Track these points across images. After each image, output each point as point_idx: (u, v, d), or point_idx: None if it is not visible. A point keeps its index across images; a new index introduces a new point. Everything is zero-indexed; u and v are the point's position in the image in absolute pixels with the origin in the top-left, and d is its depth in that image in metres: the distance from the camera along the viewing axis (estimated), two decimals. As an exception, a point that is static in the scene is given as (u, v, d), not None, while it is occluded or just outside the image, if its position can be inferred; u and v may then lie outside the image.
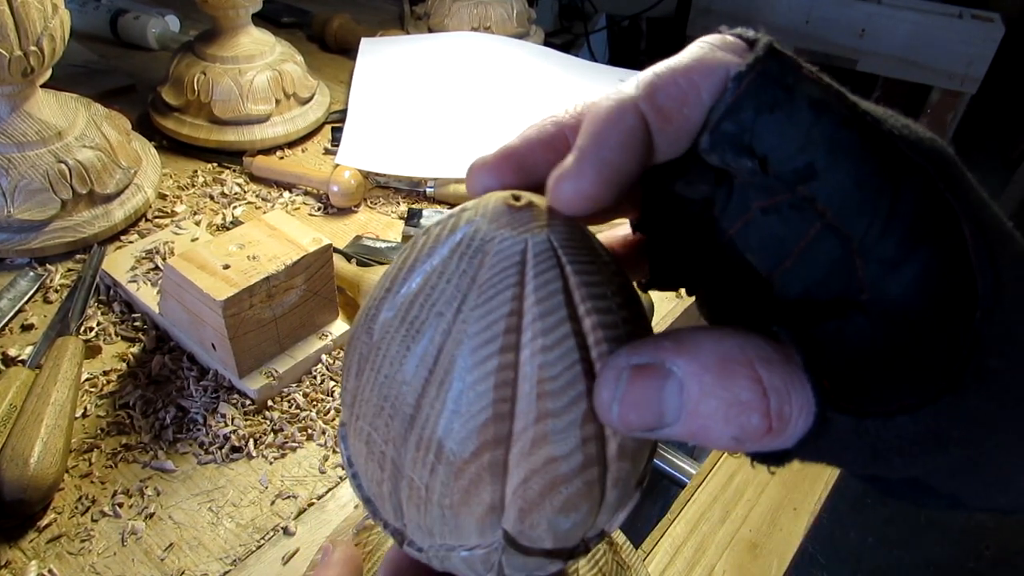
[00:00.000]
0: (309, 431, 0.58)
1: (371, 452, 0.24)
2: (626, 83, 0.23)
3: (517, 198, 0.23)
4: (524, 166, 0.24)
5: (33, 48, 0.65)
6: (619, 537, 0.42)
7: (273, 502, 0.53)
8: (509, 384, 0.22)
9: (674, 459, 0.68)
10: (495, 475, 0.22)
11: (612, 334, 0.22)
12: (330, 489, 0.55)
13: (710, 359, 0.20)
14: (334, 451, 0.57)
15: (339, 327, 0.64)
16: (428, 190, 0.84)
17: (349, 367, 0.25)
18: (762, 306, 0.24)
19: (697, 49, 0.23)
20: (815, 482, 0.62)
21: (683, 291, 0.29)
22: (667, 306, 0.75)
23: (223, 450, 0.56)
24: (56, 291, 0.68)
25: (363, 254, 0.73)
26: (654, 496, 0.92)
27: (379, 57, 1.03)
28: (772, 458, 0.22)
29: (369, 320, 0.24)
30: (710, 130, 0.22)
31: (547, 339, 0.21)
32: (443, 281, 0.22)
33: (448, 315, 0.22)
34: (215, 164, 0.87)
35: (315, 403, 0.60)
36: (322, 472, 0.56)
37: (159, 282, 0.66)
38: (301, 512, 0.53)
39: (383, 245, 0.76)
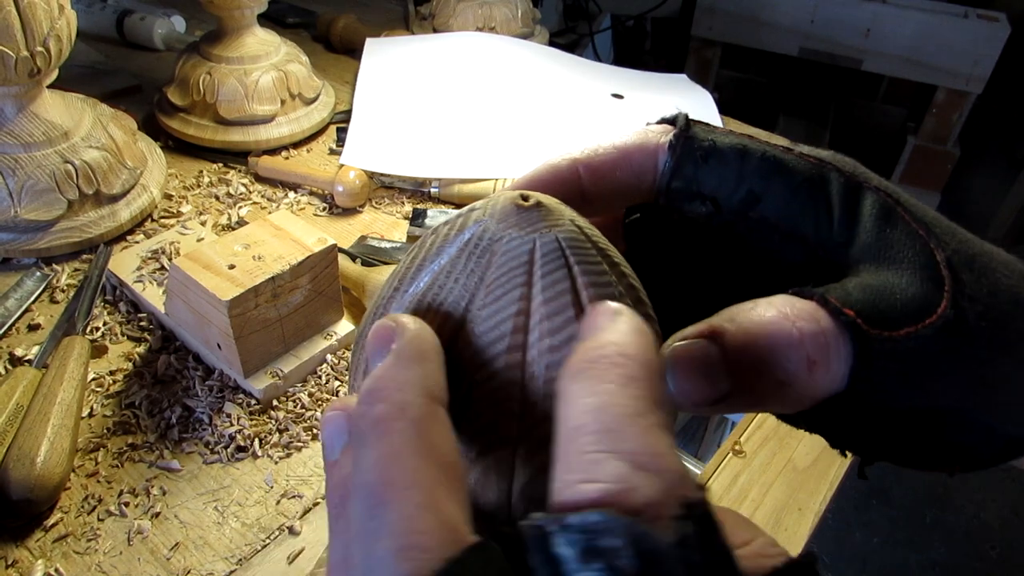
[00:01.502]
0: (314, 431, 0.58)
1: None
2: (576, 147, 0.29)
3: (525, 198, 0.23)
4: (537, 189, 0.27)
5: (39, 49, 0.65)
6: None
7: (278, 501, 0.54)
8: (517, 384, 0.22)
9: (679, 459, 0.68)
10: (502, 474, 0.22)
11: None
12: (335, 489, 0.55)
13: (743, 321, 0.23)
14: (339, 451, 0.57)
15: (344, 327, 0.64)
16: (433, 190, 0.84)
17: (356, 367, 0.25)
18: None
19: (636, 131, 0.29)
20: (820, 482, 0.62)
21: None
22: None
23: (228, 450, 0.56)
24: (62, 291, 0.68)
25: (368, 254, 0.73)
26: (659, 496, 0.92)
27: (384, 57, 1.03)
28: (836, 403, 0.24)
29: (376, 319, 0.24)
30: (664, 191, 0.28)
31: (554, 339, 0.22)
32: (451, 280, 0.23)
33: (456, 314, 0.22)
34: (220, 164, 0.87)
35: (320, 403, 0.60)
36: (327, 472, 0.56)
37: (165, 282, 0.66)
38: (306, 512, 0.53)
39: (388, 245, 0.76)
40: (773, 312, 0.22)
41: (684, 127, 0.28)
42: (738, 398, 0.22)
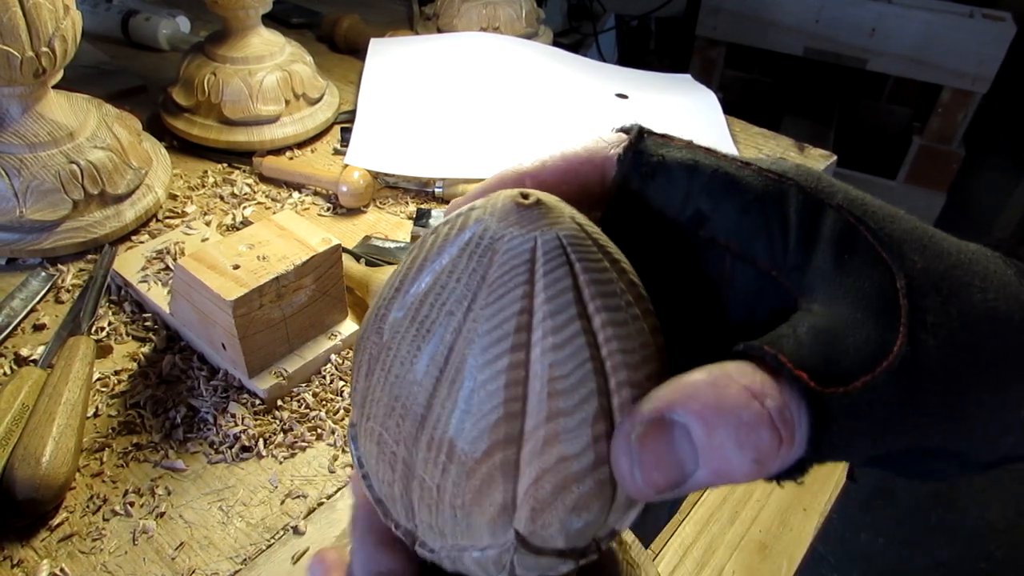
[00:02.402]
0: (319, 431, 0.58)
1: (382, 453, 0.24)
2: (527, 158, 0.29)
3: (526, 196, 0.23)
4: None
5: (45, 49, 0.65)
6: (628, 536, 0.41)
7: (283, 501, 0.54)
8: (520, 383, 0.22)
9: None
10: (507, 475, 0.22)
11: (622, 332, 0.22)
12: (340, 488, 0.55)
13: (706, 396, 0.21)
14: (343, 451, 0.57)
15: (348, 327, 0.64)
16: (437, 190, 0.84)
17: (359, 367, 0.25)
18: (718, 336, 0.27)
19: (588, 141, 0.29)
20: (825, 483, 0.62)
21: None
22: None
23: (233, 449, 0.56)
24: (68, 291, 0.68)
25: (372, 254, 0.73)
26: (663, 496, 0.92)
27: (388, 57, 1.03)
28: (794, 470, 0.22)
29: (379, 320, 0.24)
30: (611, 203, 0.28)
31: (557, 337, 0.22)
32: (453, 280, 0.22)
33: (458, 314, 0.22)
34: (225, 164, 0.87)
35: (324, 403, 0.60)
36: (332, 472, 0.56)
37: (169, 282, 0.66)
38: (311, 511, 0.53)
39: (392, 245, 0.76)
40: (738, 384, 0.21)
41: (635, 139, 0.28)
42: (703, 478, 0.21)
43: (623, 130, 0.29)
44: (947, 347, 0.22)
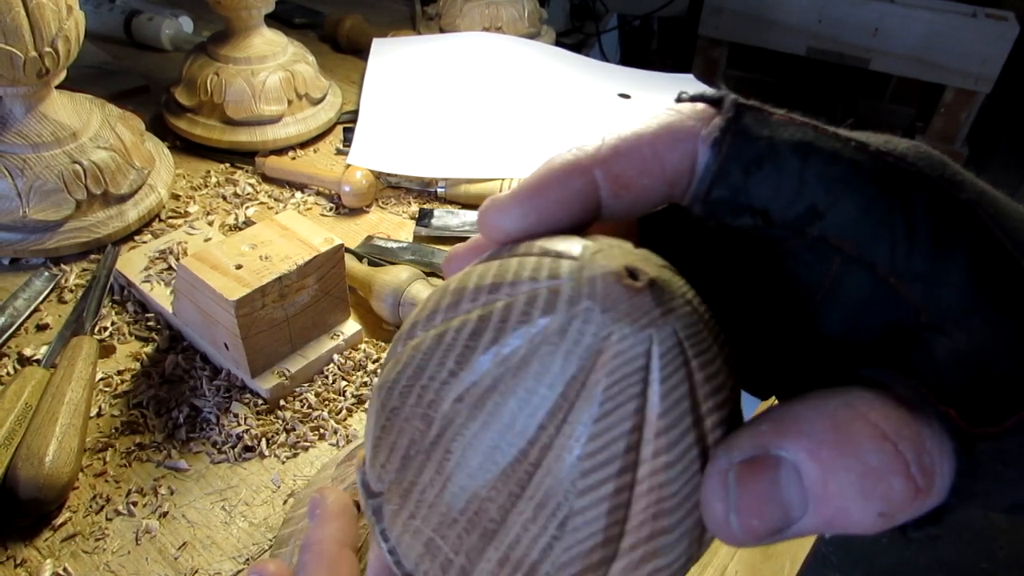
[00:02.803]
0: (321, 431, 0.58)
1: (432, 554, 0.21)
2: (591, 141, 0.22)
3: (634, 275, 0.19)
4: (541, 207, 0.22)
5: (48, 49, 0.65)
6: None
7: (285, 501, 0.54)
8: (623, 506, 0.19)
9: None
10: None
11: (729, 422, 0.20)
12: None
13: (820, 430, 0.18)
14: (346, 451, 0.57)
15: (351, 327, 0.64)
16: (439, 190, 0.84)
17: (391, 449, 0.21)
18: (804, 353, 0.23)
19: (664, 116, 0.22)
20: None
21: None
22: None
23: (236, 449, 0.56)
24: (71, 291, 0.69)
25: (375, 254, 0.73)
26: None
27: (391, 57, 1.03)
28: (929, 520, 0.19)
29: (424, 402, 0.20)
30: (701, 199, 0.22)
31: (670, 455, 0.19)
32: (535, 379, 0.18)
33: (550, 427, 0.18)
34: (228, 164, 0.87)
35: (327, 403, 0.60)
36: (334, 471, 0.56)
37: (172, 282, 0.66)
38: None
39: (395, 245, 0.76)
40: (863, 419, 0.17)
41: (733, 116, 0.22)
42: (811, 525, 0.18)
43: (706, 99, 0.23)
44: None
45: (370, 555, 0.27)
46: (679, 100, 0.23)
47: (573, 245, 0.20)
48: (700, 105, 0.22)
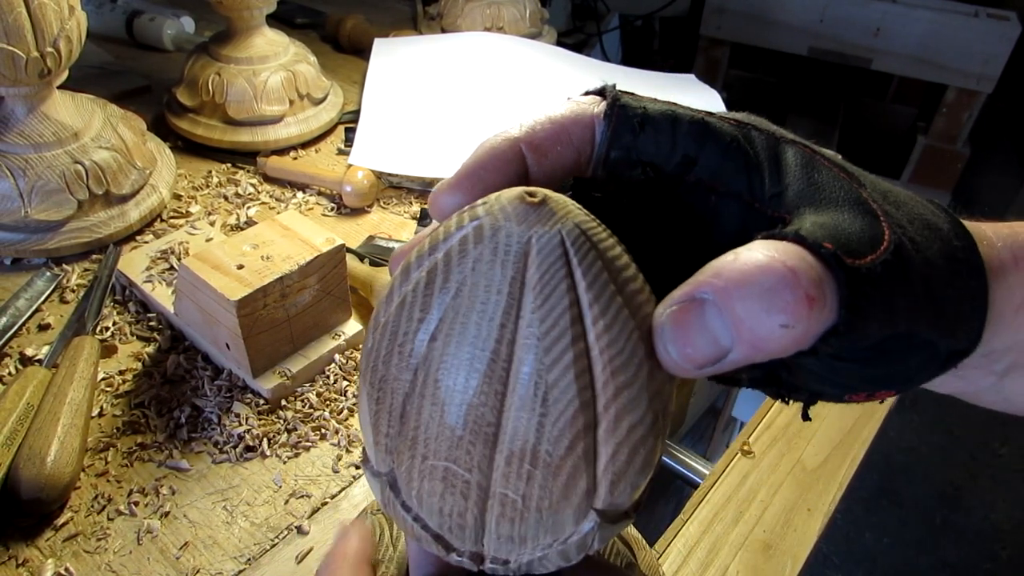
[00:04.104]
0: (322, 431, 0.58)
1: (450, 486, 0.23)
2: (512, 125, 0.29)
3: (532, 194, 0.23)
4: (481, 182, 0.28)
5: (50, 49, 0.65)
6: (632, 531, 0.41)
7: (287, 501, 0.54)
8: (586, 370, 0.22)
9: (687, 459, 0.68)
10: (588, 460, 0.23)
11: (644, 298, 0.24)
12: (343, 488, 0.55)
13: (729, 271, 0.22)
14: (347, 450, 0.57)
15: (352, 327, 0.64)
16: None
17: (387, 411, 0.24)
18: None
19: (569, 104, 0.29)
20: (829, 482, 0.62)
21: None
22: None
23: (237, 449, 0.56)
24: (72, 291, 0.69)
25: (376, 254, 0.73)
26: (667, 496, 0.92)
27: (392, 57, 1.03)
28: (831, 334, 0.23)
29: (401, 356, 0.23)
30: (602, 162, 0.28)
31: (606, 318, 0.22)
32: (485, 291, 0.22)
33: (509, 324, 0.22)
34: (229, 165, 0.87)
35: (328, 403, 0.60)
36: (335, 471, 0.56)
37: (174, 282, 0.66)
38: (315, 511, 0.53)
39: (396, 245, 0.76)
40: (760, 256, 0.22)
41: (615, 97, 0.29)
42: (741, 351, 0.22)
43: (594, 92, 0.30)
44: (911, 243, 0.25)
45: (407, 551, 0.30)
46: (584, 94, 0.30)
47: (485, 198, 0.25)
48: (593, 96, 0.29)
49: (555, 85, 0.99)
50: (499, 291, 0.22)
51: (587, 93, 0.30)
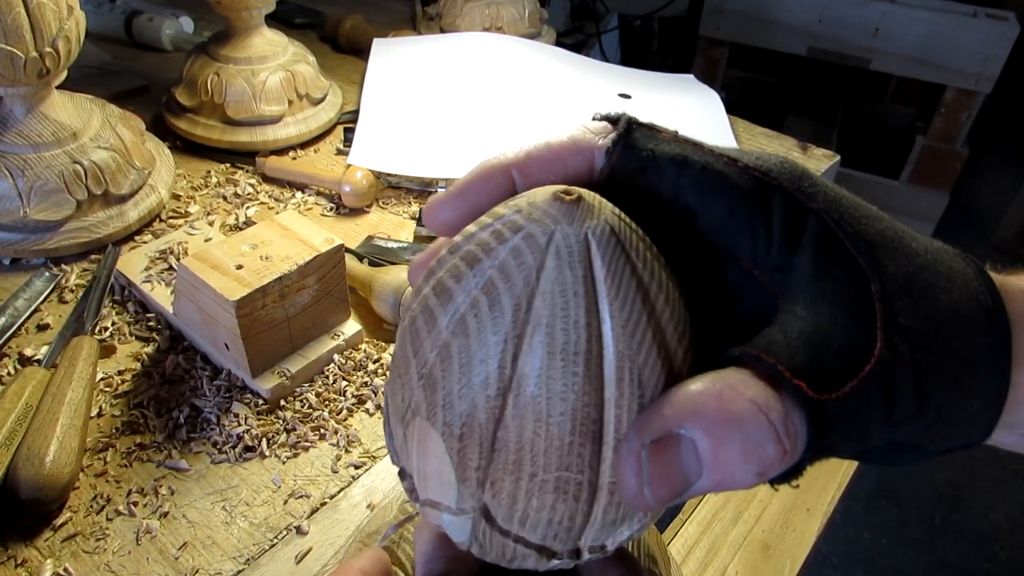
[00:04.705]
0: (322, 431, 0.58)
1: (562, 493, 0.23)
2: (511, 148, 0.28)
3: (567, 192, 0.23)
4: (467, 203, 0.28)
5: (48, 49, 0.65)
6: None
7: (286, 501, 0.54)
8: (663, 344, 0.23)
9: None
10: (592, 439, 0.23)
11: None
12: (342, 488, 0.55)
13: (713, 411, 0.21)
14: (346, 451, 0.57)
15: (351, 327, 0.64)
16: (440, 190, 0.84)
17: (479, 445, 0.23)
18: (708, 328, 0.27)
19: (573, 130, 0.28)
20: (828, 483, 0.62)
21: None
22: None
23: (236, 449, 0.56)
24: (71, 291, 0.69)
25: (375, 254, 0.73)
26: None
27: (391, 58, 1.03)
28: (789, 475, 0.23)
29: (484, 387, 0.23)
30: (601, 188, 0.26)
31: (664, 292, 0.23)
32: (563, 297, 0.22)
33: (593, 322, 0.22)
34: (228, 165, 0.87)
35: (327, 403, 0.60)
36: (334, 472, 0.56)
37: (173, 282, 0.66)
38: (314, 511, 0.53)
39: (395, 245, 0.76)
40: (743, 403, 0.21)
41: (624, 131, 0.27)
42: (704, 486, 0.22)
43: (608, 119, 0.28)
44: (917, 348, 0.23)
45: (416, 546, 0.31)
46: (593, 119, 0.29)
47: (512, 204, 0.24)
48: (603, 123, 0.28)
49: (554, 85, 0.99)
50: (576, 293, 0.22)
51: (602, 118, 0.29)
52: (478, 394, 0.23)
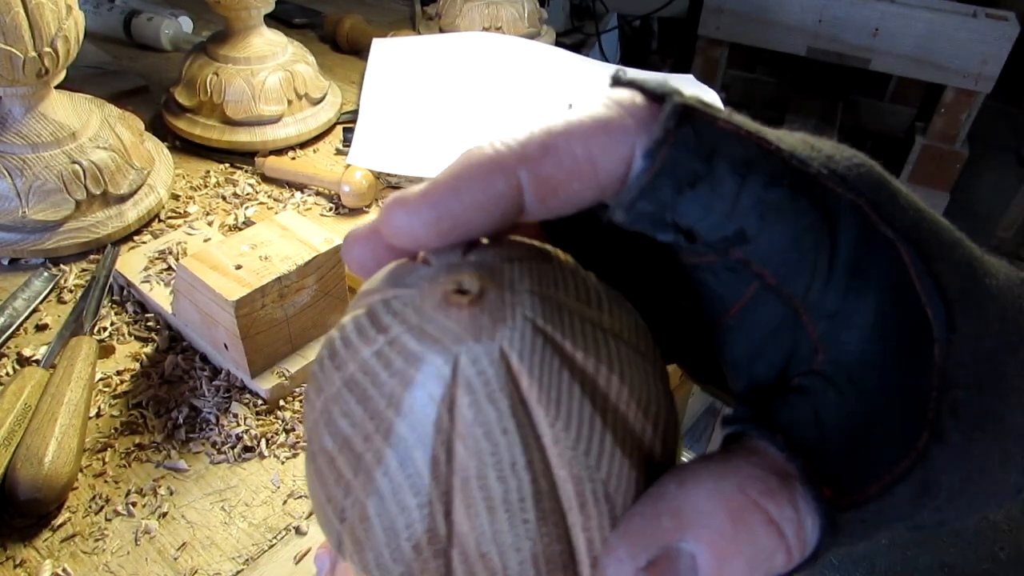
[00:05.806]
0: (321, 431, 0.58)
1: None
2: (514, 134, 0.20)
3: (459, 291, 0.19)
4: (457, 209, 0.20)
5: (47, 49, 0.65)
6: None
7: (285, 502, 0.54)
8: (626, 437, 0.20)
9: (686, 459, 0.68)
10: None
11: (622, 329, 0.20)
12: (342, 489, 0.55)
13: (719, 524, 0.18)
14: (346, 451, 0.57)
15: (351, 327, 0.64)
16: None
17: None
18: (707, 360, 0.23)
19: (603, 111, 0.20)
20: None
21: None
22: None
23: (235, 450, 0.56)
24: (70, 291, 0.68)
25: (374, 254, 0.73)
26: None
27: (390, 57, 1.03)
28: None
29: (421, 548, 0.19)
30: (625, 208, 0.20)
31: (621, 377, 0.19)
32: (489, 439, 0.18)
33: (535, 455, 0.18)
34: (227, 165, 0.87)
35: (327, 403, 0.60)
36: (334, 472, 0.56)
37: (172, 282, 0.66)
38: (313, 512, 0.53)
39: (394, 245, 0.76)
40: (756, 518, 0.18)
41: (673, 126, 0.19)
42: None
43: (644, 89, 0.20)
44: (970, 432, 0.19)
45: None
46: (616, 82, 0.21)
47: (397, 300, 0.20)
48: (639, 98, 0.20)
49: (553, 85, 0.99)
50: (504, 430, 0.18)
51: (635, 85, 0.20)
52: (413, 559, 0.19)
